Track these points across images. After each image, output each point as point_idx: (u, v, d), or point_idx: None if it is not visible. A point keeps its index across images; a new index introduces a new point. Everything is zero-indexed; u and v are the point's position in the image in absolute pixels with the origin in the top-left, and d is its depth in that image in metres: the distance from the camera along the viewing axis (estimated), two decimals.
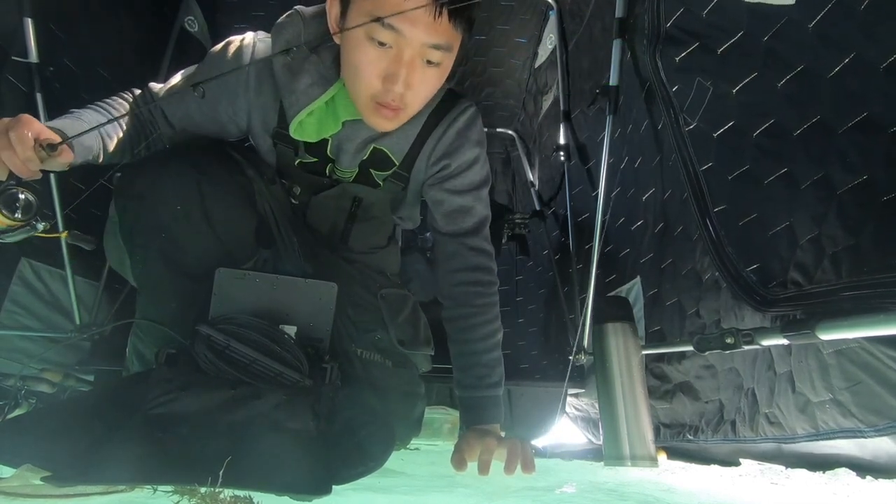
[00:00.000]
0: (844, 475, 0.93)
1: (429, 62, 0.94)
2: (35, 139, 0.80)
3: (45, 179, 1.33)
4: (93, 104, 1.03)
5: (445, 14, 0.89)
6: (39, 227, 0.84)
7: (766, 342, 0.94)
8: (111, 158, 1.01)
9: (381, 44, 0.90)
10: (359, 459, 0.81)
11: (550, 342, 2.02)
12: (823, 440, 0.92)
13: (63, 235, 0.89)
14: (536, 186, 2.54)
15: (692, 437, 1.26)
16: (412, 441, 1.25)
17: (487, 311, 1.14)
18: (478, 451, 0.99)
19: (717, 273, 1.12)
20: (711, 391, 1.21)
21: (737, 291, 1.06)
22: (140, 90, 1.11)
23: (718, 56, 1.14)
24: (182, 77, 1.10)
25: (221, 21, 2.23)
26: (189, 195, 0.95)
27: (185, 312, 0.96)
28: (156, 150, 1.09)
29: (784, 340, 0.88)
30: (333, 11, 0.96)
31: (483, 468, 0.97)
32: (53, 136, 0.84)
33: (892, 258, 0.76)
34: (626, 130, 1.58)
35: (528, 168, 2.69)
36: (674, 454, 1.35)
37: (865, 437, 0.83)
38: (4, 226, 0.82)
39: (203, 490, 0.70)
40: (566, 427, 1.87)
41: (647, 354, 1.37)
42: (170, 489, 0.74)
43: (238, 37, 1.07)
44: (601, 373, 1.29)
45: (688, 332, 1.24)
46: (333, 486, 0.74)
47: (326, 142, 1.09)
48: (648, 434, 1.22)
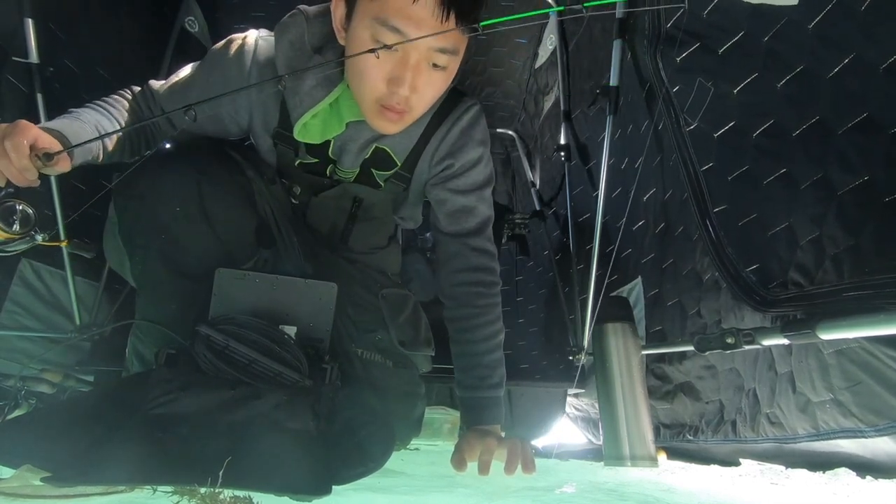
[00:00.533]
0: (844, 475, 0.93)
1: (434, 66, 0.93)
2: (31, 147, 0.79)
3: (46, 183, 1.34)
4: (92, 103, 1.02)
5: (452, 17, 0.88)
6: (39, 238, 0.83)
7: (767, 342, 0.94)
8: (111, 158, 1.01)
9: (387, 47, 0.89)
10: (359, 460, 0.81)
11: (550, 342, 2.02)
12: (824, 440, 0.92)
13: (63, 244, 0.88)
14: (537, 186, 2.54)
15: (692, 438, 1.26)
16: (412, 441, 1.25)
17: (489, 312, 1.14)
18: (478, 452, 0.99)
19: (718, 273, 1.12)
20: (712, 391, 1.21)
21: (737, 292, 1.06)
22: (140, 88, 1.10)
23: (719, 56, 1.14)
24: (183, 74, 1.09)
25: (222, 21, 2.23)
26: (189, 195, 0.95)
27: (185, 313, 0.96)
28: (155, 151, 1.09)
29: (784, 340, 0.88)
30: (338, 13, 0.95)
31: (483, 468, 0.97)
32: (51, 144, 0.82)
33: (893, 259, 0.76)
34: (627, 131, 1.58)
35: (529, 168, 2.69)
36: (674, 454, 1.35)
37: (866, 437, 0.83)
38: (4, 238, 0.81)
39: (203, 490, 0.70)
40: (566, 427, 1.87)
41: (648, 355, 1.37)
42: (170, 489, 0.74)
43: (240, 35, 1.06)
44: (601, 373, 1.29)
45: (688, 333, 1.24)
46: (333, 487, 0.74)
47: (329, 143, 1.09)
48: (648, 434, 1.22)
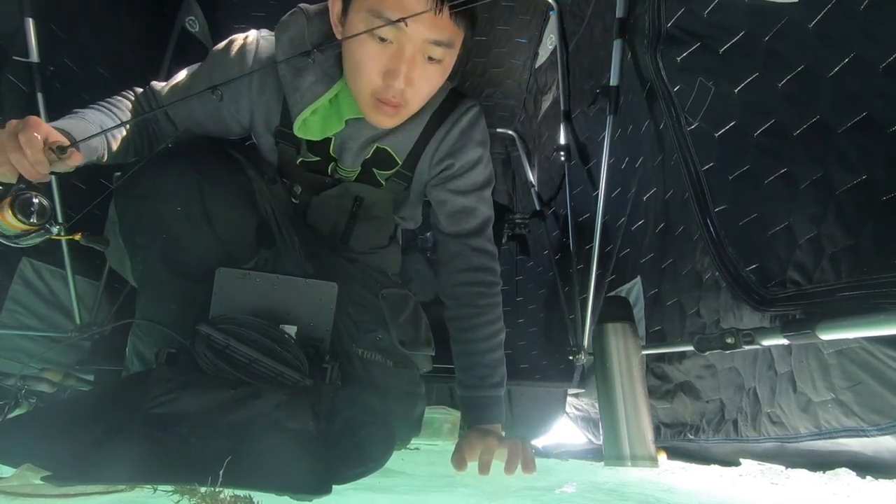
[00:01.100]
0: (844, 475, 0.93)
1: (430, 58, 0.94)
2: (44, 141, 0.80)
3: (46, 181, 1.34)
4: (95, 104, 1.02)
5: (446, 10, 0.89)
6: (54, 231, 0.83)
7: (767, 342, 0.94)
8: (115, 158, 1.01)
9: (382, 39, 0.91)
10: (359, 459, 0.81)
11: (550, 342, 2.02)
12: (826, 439, 0.92)
13: (77, 237, 0.88)
14: (536, 186, 2.54)
15: (693, 437, 1.26)
16: (412, 441, 1.25)
17: (490, 312, 1.14)
18: (478, 451, 0.99)
19: (718, 273, 1.12)
20: (712, 391, 1.21)
21: (736, 291, 1.06)
22: (142, 89, 1.11)
23: (720, 56, 1.14)
24: (185, 75, 1.10)
25: (222, 21, 2.23)
26: (189, 195, 0.95)
27: (186, 312, 0.96)
28: (156, 151, 1.09)
29: (784, 340, 0.88)
30: (335, 9, 0.97)
31: (483, 468, 0.97)
32: (62, 139, 0.83)
33: (892, 258, 0.76)
34: (627, 130, 1.58)
35: (529, 168, 2.69)
36: (674, 454, 1.35)
37: (868, 436, 0.83)
38: (19, 230, 0.81)
39: (203, 490, 0.70)
40: (566, 427, 1.87)
41: (648, 354, 1.37)
42: (170, 489, 0.74)
43: (241, 35, 1.07)
44: (601, 373, 1.29)
45: (688, 332, 1.24)
46: (333, 486, 0.74)
47: (329, 140, 1.09)
48: (648, 434, 1.22)
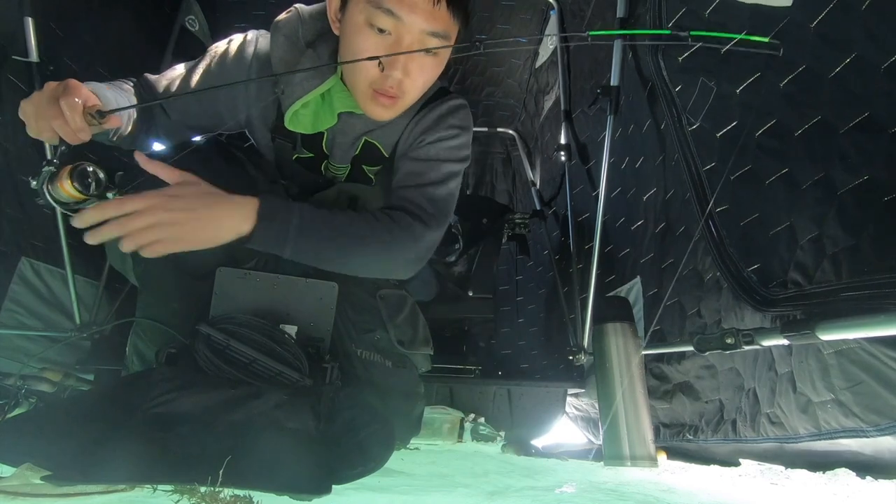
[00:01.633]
0: (844, 475, 0.93)
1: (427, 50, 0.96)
2: (84, 106, 0.81)
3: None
4: (99, 83, 0.99)
5: (444, 2, 0.92)
6: (110, 197, 0.83)
7: (767, 342, 0.94)
8: (123, 139, 1.02)
9: (381, 30, 0.93)
10: (359, 459, 0.81)
11: (550, 342, 2.02)
12: (826, 439, 0.92)
13: None
14: (537, 186, 2.54)
15: (692, 437, 1.26)
16: (412, 441, 1.25)
17: (376, 227, 0.97)
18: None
19: (719, 273, 1.12)
20: (711, 391, 1.21)
21: (738, 291, 1.06)
22: (135, 79, 1.10)
23: (721, 56, 1.13)
24: (182, 68, 1.11)
25: (222, 20, 2.23)
26: None
27: (186, 312, 0.96)
28: (157, 150, 1.10)
29: (784, 341, 0.88)
30: (333, 4, 0.99)
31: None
32: (99, 103, 0.84)
33: (893, 259, 0.76)
34: (628, 130, 1.58)
35: (529, 168, 2.69)
36: (674, 454, 1.35)
37: (867, 437, 0.83)
38: (80, 199, 0.82)
39: (203, 489, 0.70)
40: (566, 427, 1.87)
41: (647, 354, 1.37)
42: (170, 488, 0.74)
43: (240, 34, 1.10)
44: (601, 373, 1.29)
45: (688, 333, 1.24)
46: (333, 486, 0.74)
47: (322, 136, 1.10)
48: (648, 434, 1.22)
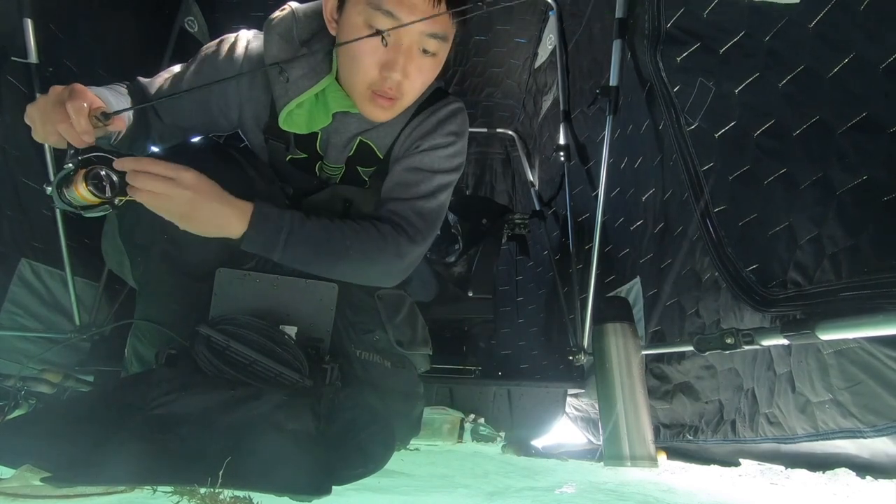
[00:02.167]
0: (844, 475, 0.93)
1: (425, 51, 0.97)
2: (89, 109, 0.81)
3: (45, 181, 1.34)
4: (98, 87, 0.99)
5: (443, 3, 0.92)
6: (117, 203, 0.84)
7: (766, 342, 0.94)
8: (119, 144, 1.02)
9: (379, 32, 0.92)
10: (359, 460, 0.81)
11: (550, 342, 2.02)
12: (823, 440, 0.92)
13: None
14: (536, 186, 2.54)
15: (692, 438, 1.26)
16: (412, 441, 1.25)
17: (363, 237, 0.99)
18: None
19: (717, 273, 1.12)
20: (711, 391, 1.21)
21: (737, 292, 1.06)
22: (128, 83, 1.10)
23: (720, 56, 1.13)
24: (175, 71, 1.11)
25: (221, 21, 2.23)
26: None
27: (186, 313, 0.96)
28: (156, 152, 1.10)
29: (784, 340, 0.88)
30: (329, 4, 0.99)
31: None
32: (103, 106, 0.85)
33: (892, 258, 0.76)
34: (627, 130, 1.58)
35: (528, 168, 2.69)
36: (674, 454, 1.35)
37: (865, 438, 0.83)
38: (96, 202, 0.83)
39: (203, 490, 0.70)
40: (566, 427, 1.87)
41: (647, 355, 1.37)
42: (170, 489, 0.74)
43: (232, 35, 1.10)
44: (601, 373, 1.29)
45: (687, 333, 1.24)
46: (333, 487, 0.74)
47: (316, 136, 1.10)
48: (648, 434, 1.22)
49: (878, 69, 0.78)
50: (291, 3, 1.06)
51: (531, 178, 2.61)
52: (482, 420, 1.60)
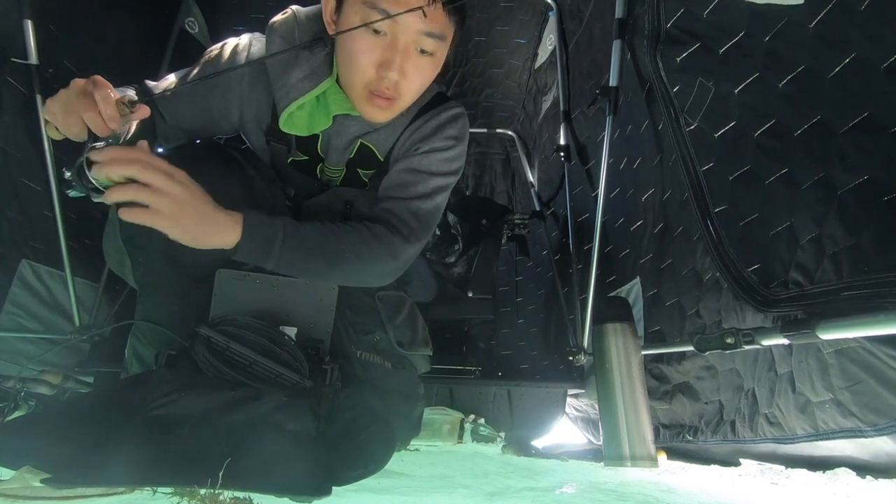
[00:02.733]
0: (844, 475, 0.93)
1: (422, 51, 0.97)
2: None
3: (45, 183, 1.34)
4: None
5: (440, 1, 0.92)
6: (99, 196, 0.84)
7: (767, 342, 0.94)
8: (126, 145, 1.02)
9: (376, 31, 0.93)
10: (359, 461, 0.81)
11: (550, 342, 2.02)
12: (823, 440, 0.92)
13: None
14: (536, 187, 2.54)
15: (692, 438, 1.26)
16: (412, 442, 1.25)
17: (357, 239, 0.99)
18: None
19: (718, 273, 1.12)
20: (711, 392, 1.21)
21: (738, 292, 1.06)
22: (136, 85, 1.11)
23: (720, 56, 1.13)
24: (179, 73, 1.12)
25: (221, 22, 2.23)
26: None
27: (186, 314, 0.96)
28: (157, 153, 1.10)
29: (784, 340, 0.88)
30: (328, 6, 0.99)
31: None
32: (130, 95, 0.85)
33: (893, 258, 0.76)
34: (626, 131, 1.58)
35: (528, 168, 2.69)
36: (674, 454, 1.35)
37: (866, 437, 0.83)
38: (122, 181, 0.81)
39: (203, 491, 0.70)
40: (566, 427, 1.87)
41: (647, 355, 1.37)
42: (170, 490, 0.74)
43: (235, 38, 1.10)
44: (601, 373, 1.29)
45: (687, 333, 1.24)
46: (333, 488, 0.74)
47: (317, 138, 1.10)
48: (648, 434, 1.22)
49: (879, 69, 0.78)
50: (293, 7, 1.07)
51: (531, 179, 2.62)
52: (482, 420, 1.60)
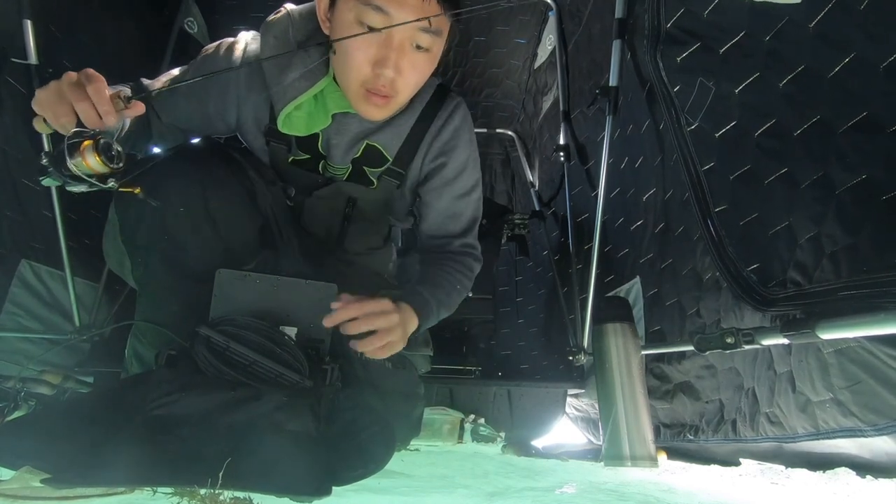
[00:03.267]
0: (844, 475, 0.93)
1: (418, 47, 0.96)
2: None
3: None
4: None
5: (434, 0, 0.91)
6: (111, 184, 0.85)
7: (767, 342, 0.94)
8: (124, 141, 1.02)
9: (371, 28, 0.92)
10: (359, 461, 0.81)
11: (550, 342, 2.02)
12: (824, 439, 0.92)
13: (136, 191, 0.89)
14: (536, 187, 2.54)
15: (692, 437, 1.26)
16: (412, 442, 1.25)
17: (461, 279, 1.18)
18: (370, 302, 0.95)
19: (718, 273, 1.12)
20: (711, 391, 1.21)
21: (737, 291, 1.06)
22: (132, 83, 1.10)
23: (720, 56, 1.14)
24: (175, 72, 1.12)
25: (220, 22, 2.23)
26: (192, 196, 0.95)
27: (186, 314, 0.96)
28: (157, 153, 1.10)
29: (784, 340, 0.88)
30: (322, 4, 0.98)
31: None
32: (126, 90, 0.86)
33: (891, 257, 0.76)
34: (626, 131, 1.58)
35: (528, 168, 2.69)
36: (674, 454, 1.35)
37: (865, 437, 0.83)
38: (105, 171, 0.82)
39: (203, 491, 0.70)
40: (566, 427, 1.87)
41: (647, 354, 1.37)
42: (170, 490, 0.74)
43: (231, 37, 1.10)
44: (601, 373, 1.29)
45: (688, 332, 1.24)
46: (333, 488, 0.74)
47: (317, 137, 1.10)
48: (648, 434, 1.22)
49: (879, 69, 0.78)
50: (287, 5, 1.06)
51: (531, 179, 2.62)
52: (482, 420, 1.60)
